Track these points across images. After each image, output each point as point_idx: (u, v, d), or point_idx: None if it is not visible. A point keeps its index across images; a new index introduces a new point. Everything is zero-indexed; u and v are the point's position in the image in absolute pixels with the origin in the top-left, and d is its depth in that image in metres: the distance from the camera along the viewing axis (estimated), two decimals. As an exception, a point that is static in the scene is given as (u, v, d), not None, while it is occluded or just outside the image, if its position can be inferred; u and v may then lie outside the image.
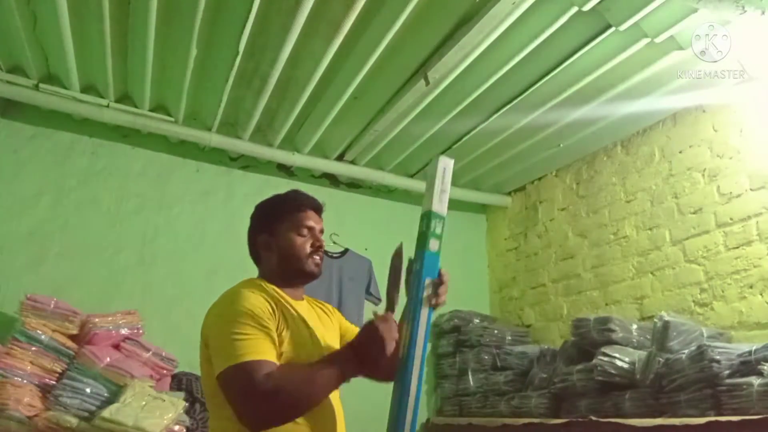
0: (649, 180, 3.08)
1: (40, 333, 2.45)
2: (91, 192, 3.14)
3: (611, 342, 2.56)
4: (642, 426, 2.21)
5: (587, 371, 2.58)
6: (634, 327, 2.63)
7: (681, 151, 2.93)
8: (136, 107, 3.08)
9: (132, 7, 2.39)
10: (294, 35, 2.36)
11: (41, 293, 2.63)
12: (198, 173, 3.45)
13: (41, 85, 2.88)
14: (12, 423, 2.24)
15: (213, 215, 3.40)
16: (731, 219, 2.62)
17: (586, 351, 2.68)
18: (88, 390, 2.38)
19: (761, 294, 2.44)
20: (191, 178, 3.42)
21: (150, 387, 2.48)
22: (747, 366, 2.06)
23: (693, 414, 2.11)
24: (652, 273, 2.97)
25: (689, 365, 2.17)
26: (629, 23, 2.22)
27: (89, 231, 3.07)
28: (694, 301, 2.73)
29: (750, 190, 2.57)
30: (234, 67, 2.64)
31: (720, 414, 2.03)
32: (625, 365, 2.43)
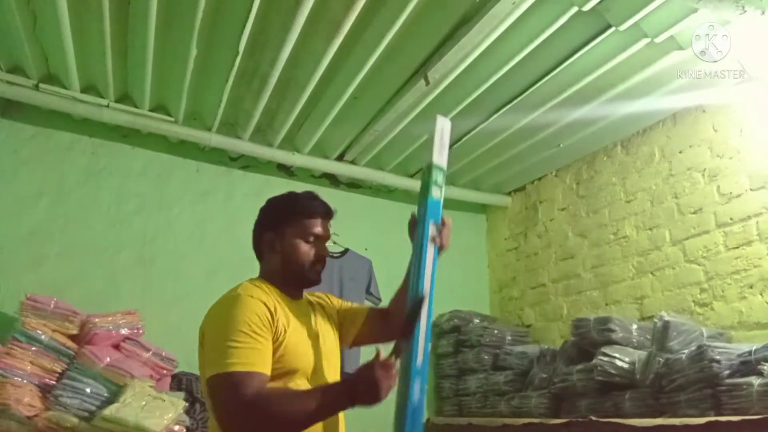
0: (649, 180, 3.08)
1: (40, 333, 2.45)
2: (91, 192, 3.14)
3: (611, 342, 2.56)
4: (642, 426, 2.21)
5: (587, 371, 2.58)
6: (634, 327, 2.63)
7: (681, 151, 2.93)
8: (136, 107, 3.08)
9: (132, 7, 2.39)
10: (294, 35, 2.36)
11: (41, 293, 2.62)
12: (198, 173, 3.45)
13: (41, 85, 2.87)
14: (12, 423, 2.24)
15: (213, 215, 3.40)
16: (731, 219, 2.62)
17: (586, 351, 2.68)
18: (88, 390, 2.38)
19: (761, 294, 2.44)
20: (191, 178, 3.42)
21: (150, 387, 2.48)
22: (747, 366, 2.06)
23: (693, 414, 2.11)
24: (652, 273, 2.97)
25: (689, 365, 2.17)
26: (629, 23, 2.22)
27: (89, 231, 3.07)
28: (694, 301, 2.73)
29: (750, 190, 2.57)
30: (234, 67, 2.64)
31: (720, 414, 2.03)
32: (625, 365, 2.43)
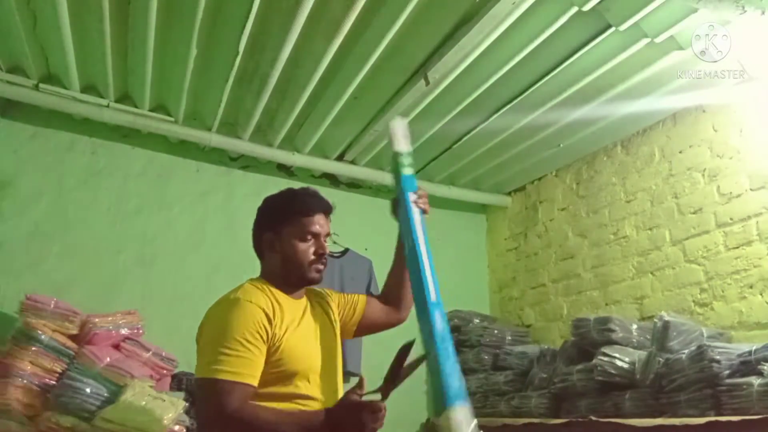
0: (649, 180, 3.08)
1: (40, 333, 2.44)
2: (91, 192, 3.13)
3: (611, 342, 2.56)
4: (642, 426, 2.22)
5: (587, 371, 2.58)
6: (634, 327, 2.63)
7: (681, 151, 2.93)
8: (136, 107, 3.08)
9: (132, 7, 2.39)
10: (294, 35, 2.36)
11: (41, 293, 2.62)
12: (198, 173, 3.45)
13: (41, 85, 2.87)
14: (12, 423, 2.24)
15: (213, 215, 3.40)
16: (731, 219, 2.62)
17: (586, 351, 2.68)
18: (88, 390, 2.37)
19: (761, 294, 2.44)
20: (191, 178, 3.42)
21: (150, 387, 2.48)
22: (747, 366, 2.06)
23: (693, 414, 2.11)
24: (652, 273, 2.97)
25: (689, 365, 2.17)
26: (629, 23, 2.22)
27: (89, 231, 3.07)
28: (694, 301, 2.73)
29: (750, 190, 2.56)
30: (234, 67, 2.64)
31: (720, 414, 2.03)
32: (625, 365, 2.43)
